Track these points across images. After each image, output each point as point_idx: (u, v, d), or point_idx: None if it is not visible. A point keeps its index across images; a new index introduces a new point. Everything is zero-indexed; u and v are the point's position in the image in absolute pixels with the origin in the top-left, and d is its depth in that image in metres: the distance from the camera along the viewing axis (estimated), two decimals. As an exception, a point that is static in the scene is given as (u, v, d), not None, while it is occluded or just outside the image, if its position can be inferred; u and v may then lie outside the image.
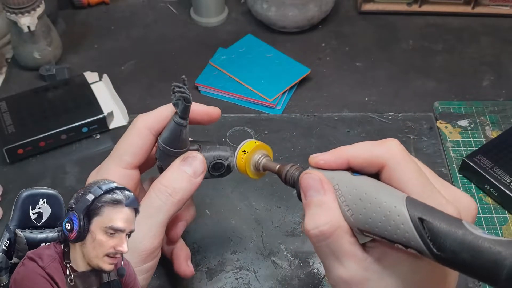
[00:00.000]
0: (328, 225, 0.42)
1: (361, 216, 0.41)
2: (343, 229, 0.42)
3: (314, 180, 0.44)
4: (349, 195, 0.42)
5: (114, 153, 0.52)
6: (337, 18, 0.96)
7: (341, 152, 0.45)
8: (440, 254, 0.37)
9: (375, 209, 0.40)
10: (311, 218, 0.43)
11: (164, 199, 0.49)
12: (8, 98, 0.78)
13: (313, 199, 0.43)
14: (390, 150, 0.43)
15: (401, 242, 0.39)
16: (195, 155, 0.51)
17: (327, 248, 0.42)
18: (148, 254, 0.49)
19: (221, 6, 0.95)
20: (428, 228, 0.38)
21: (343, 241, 0.42)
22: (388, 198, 0.40)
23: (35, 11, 0.80)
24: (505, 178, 0.67)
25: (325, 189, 0.43)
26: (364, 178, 0.43)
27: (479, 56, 0.89)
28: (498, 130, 0.76)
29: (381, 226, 0.40)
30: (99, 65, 0.87)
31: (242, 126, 0.77)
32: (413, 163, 0.42)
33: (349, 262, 0.42)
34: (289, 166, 0.48)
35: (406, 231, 0.39)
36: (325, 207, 0.42)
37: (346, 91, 0.84)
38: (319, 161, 0.45)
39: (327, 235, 0.42)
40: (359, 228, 0.42)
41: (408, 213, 0.39)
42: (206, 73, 0.85)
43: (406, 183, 0.41)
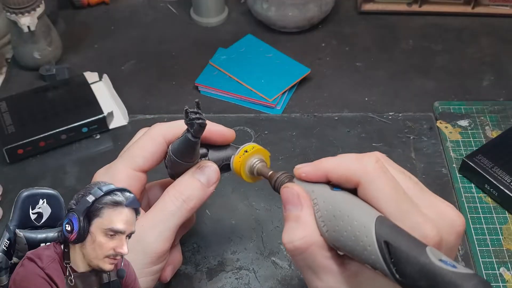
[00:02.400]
0: (302, 241, 0.42)
1: (334, 233, 0.41)
2: (318, 245, 0.42)
3: (292, 194, 0.44)
4: (325, 211, 0.42)
5: (126, 154, 0.53)
6: (337, 18, 0.96)
7: (321, 165, 0.44)
8: (401, 280, 0.37)
9: (346, 228, 0.40)
10: (287, 232, 0.43)
11: (179, 205, 0.50)
12: (8, 98, 0.78)
13: (290, 213, 0.44)
14: (365, 167, 0.41)
15: (368, 263, 0.39)
16: (210, 165, 0.52)
17: (303, 262, 0.43)
18: (158, 257, 0.49)
19: (221, 6, 0.95)
20: (392, 253, 0.38)
21: (318, 256, 0.42)
22: (359, 217, 0.40)
23: (35, 11, 0.80)
24: (505, 178, 0.67)
25: (303, 204, 0.43)
26: (342, 193, 0.43)
27: (479, 56, 0.89)
28: (498, 130, 0.76)
29: (350, 246, 0.40)
30: (99, 65, 0.87)
31: (242, 126, 0.77)
32: (388, 181, 0.41)
33: (325, 276, 0.42)
34: (280, 173, 0.48)
35: (372, 253, 0.39)
36: (301, 222, 0.43)
37: (346, 91, 0.84)
38: (301, 173, 0.45)
39: (301, 250, 0.42)
40: (333, 245, 0.42)
41: (375, 236, 0.38)
42: (206, 73, 0.85)
43: (380, 201, 0.40)
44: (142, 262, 0.48)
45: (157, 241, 0.49)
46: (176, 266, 0.57)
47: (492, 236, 0.65)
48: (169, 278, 0.55)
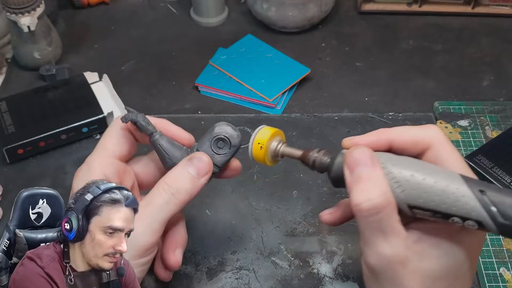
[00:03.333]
0: (382, 198, 0.41)
1: (413, 191, 0.41)
2: (394, 205, 0.42)
3: (365, 154, 0.43)
4: (399, 172, 0.42)
5: (97, 145, 0.54)
6: (337, 18, 0.96)
7: (384, 133, 0.46)
8: (505, 223, 0.38)
9: (430, 184, 0.41)
10: (361, 192, 0.42)
11: (167, 198, 0.50)
12: (8, 98, 0.78)
13: (363, 174, 0.43)
14: (435, 133, 0.45)
15: (459, 215, 0.40)
16: (200, 156, 0.52)
17: (376, 224, 0.42)
18: (146, 250, 0.49)
19: (221, 6, 0.95)
20: (491, 199, 0.39)
21: (393, 217, 0.42)
22: (442, 174, 0.41)
23: (35, 11, 0.80)
24: (505, 178, 0.67)
25: (375, 164, 0.43)
26: (410, 158, 0.44)
27: (479, 56, 0.89)
28: (498, 130, 0.76)
29: (438, 200, 0.40)
30: (99, 65, 0.87)
31: (242, 126, 0.77)
32: (454, 148, 0.44)
33: (395, 239, 0.42)
34: (316, 151, 0.48)
35: (466, 203, 0.39)
36: (377, 181, 0.42)
37: (346, 91, 0.84)
38: (359, 141, 0.46)
39: (380, 208, 0.41)
40: (410, 205, 0.42)
41: (468, 186, 0.40)
42: (206, 73, 0.85)
43: (452, 165, 0.43)
44: (129, 254, 0.47)
45: (144, 234, 0.49)
46: (184, 247, 0.56)
47: (492, 236, 0.65)
48: (180, 261, 0.54)
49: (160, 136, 0.52)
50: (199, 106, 0.81)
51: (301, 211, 0.68)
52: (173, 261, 0.53)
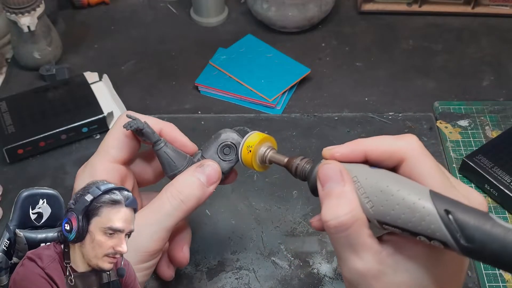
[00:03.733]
0: (349, 216, 0.41)
1: (382, 208, 0.41)
2: (362, 221, 0.42)
3: (334, 170, 0.43)
4: (369, 187, 0.42)
5: (100, 148, 0.53)
6: (337, 18, 0.96)
7: (359, 144, 0.45)
8: (468, 246, 0.37)
9: (398, 201, 0.40)
10: (330, 208, 0.42)
11: (176, 205, 0.49)
12: (8, 98, 0.78)
13: (332, 190, 0.43)
14: (410, 144, 0.43)
15: (425, 234, 0.39)
16: (211, 163, 0.51)
17: (345, 240, 0.42)
18: (151, 255, 0.49)
19: (221, 6, 0.95)
20: (455, 220, 0.38)
21: (362, 233, 0.41)
22: (411, 190, 0.40)
23: (35, 11, 0.80)
24: (505, 178, 0.67)
25: (345, 180, 0.43)
26: (384, 171, 0.43)
27: (479, 56, 0.89)
28: (498, 130, 0.76)
29: (404, 218, 0.40)
30: (99, 65, 0.87)
31: (242, 126, 0.77)
32: (432, 159, 0.43)
33: (366, 255, 0.41)
34: (299, 159, 0.48)
35: (431, 222, 0.39)
36: (345, 198, 0.42)
37: (346, 91, 0.84)
38: (335, 153, 0.45)
39: (347, 226, 0.41)
40: (379, 220, 0.41)
41: (434, 205, 0.39)
42: (206, 73, 0.85)
43: (426, 177, 0.42)
44: (134, 259, 0.48)
45: (150, 241, 0.49)
46: (190, 243, 0.56)
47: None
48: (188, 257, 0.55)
49: (166, 144, 0.51)
50: (199, 106, 0.81)
51: (301, 211, 0.68)
52: (182, 257, 0.54)
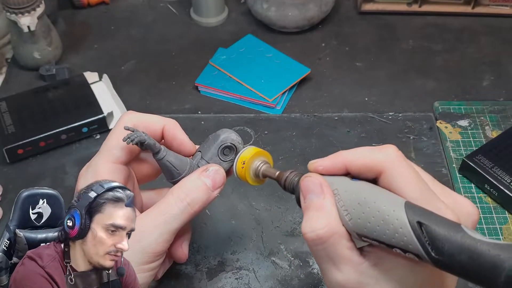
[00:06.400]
0: (325, 229, 0.42)
1: (359, 220, 0.41)
2: (340, 234, 0.42)
3: (314, 183, 0.44)
4: (348, 200, 0.42)
5: (103, 148, 0.53)
6: (337, 18, 0.96)
7: (339, 157, 0.45)
8: (438, 258, 0.37)
9: (373, 213, 0.40)
10: (308, 221, 0.43)
11: (183, 208, 0.50)
12: (8, 98, 0.78)
13: (312, 203, 0.43)
14: (388, 156, 0.43)
15: (399, 247, 0.39)
16: (217, 168, 0.52)
17: (324, 252, 0.42)
18: (155, 256, 0.50)
19: (221, 6, 0.95)
20: (427, 232, 0.38)
21: (340, 246, 0.42)
22: (386, 202, 0.40)
23: (35, 11, 0.80)
24: (505, 178, 0.67)
25: (325, 193, 0.43)
26: (363, 183, 0.43)
27: (479, 56, 0.89)
28: (498, 130, 0.76)
29: (379, 230, 0.40)
30: (99, 65, 0.87)
31: (242, 126, 0.77)
32: (411, 169, 0.42)
33: (345, 267, 0.42)
34: (288, 172, 0.48)
35: (404, 235, 0.39)
36: (324, 211, 0.43)
37: (346, 91, 0.84)
38: (318, 167, 0.45)
39: (323, 239, 0.42)
40: (357, 233, 0.42)
41: (407, 217, 0.39)
42: (206, 73, 0.85)
43: (404, 188, 0.41)
44: (140, 260, 0.49)
45: (157, 242, 0.50)
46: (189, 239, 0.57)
47: (492, 236, 0.65)
48: (187, 253, 0.55)
49: (167, 153, 0.51)
50: (199, 106, 0.81)
51: (301, 211, 0.67)
52: (181, 253, 0.55)
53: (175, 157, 0.52)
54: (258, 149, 0.52)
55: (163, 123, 0.53)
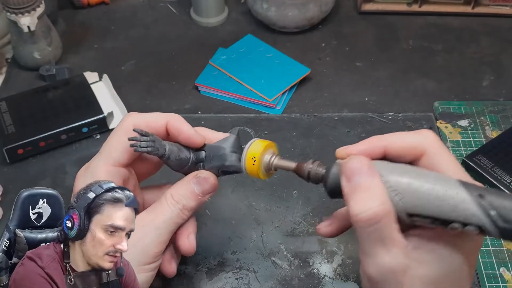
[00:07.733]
0: (382, 207, 0.41)
1: (412, 199, 0.41)
2: (392, 215, 0.41)
3: (362, 163, 0.43)
4: (396, 180, 0.42)
5: (103, 150, 0.53)
6: (337, 18, 0.96)
7: (378, 140, 0.45)
8: (506, 226, 0.38)
9: (428, 191, 0.41)
10: (360, 202, 0.41)
11: (176, 212, 0.52)
12: (8, 98, 0.78)
13: (359, 184, 0.42)
14: (428, 138, 0.44)
15: (459, 220, 0.40)
16: (207, 177, 0.53)
17: (376, 233, 0.41)
18: (155, 256, 0.51)
19: (221, 6, 0.95)
20: (490, 203, 0.39)
21: (391, 227, 0.41)
22: (439, 180, 0.41)
23: (35, 11, 0.80)
24: (505, 178, 0.67)
25: (374, 174, 0.42)
26: (405, 165, 0.44)
27: (479, 56, 0.89)
28: (498, 130, 0.76)
29: (437, 206, 0.40)
30: (99, 65, 0.87)
31: (242, 126, 0.77)
32: (450, 153, 0.44)
33: (395, 249, 0.41)
34: (310, 162, 0.47)
35: (466, 208, 0.39)
36: (374, 191, 0.42)
37: (346, 91, 0.84)
38: (351, 151, 0.45)
39: (378, 217, 0.41)
40: (409, 213, 0.42)
41: (467, 191, 0.40)
42: (206, 73, 0.85)
43: (448, 170, 0.43)
44: (141, 260, 0.50)
45: (154, 244, 0.51)
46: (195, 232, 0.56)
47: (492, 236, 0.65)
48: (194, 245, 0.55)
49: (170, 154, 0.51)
50: (199, 106, 0.81)
51: (301, 211, 0.68)
52: (188, 245, 0.54)
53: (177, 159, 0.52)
54: (265, 141, 0.51)
55: (166, 119, 0.53)
